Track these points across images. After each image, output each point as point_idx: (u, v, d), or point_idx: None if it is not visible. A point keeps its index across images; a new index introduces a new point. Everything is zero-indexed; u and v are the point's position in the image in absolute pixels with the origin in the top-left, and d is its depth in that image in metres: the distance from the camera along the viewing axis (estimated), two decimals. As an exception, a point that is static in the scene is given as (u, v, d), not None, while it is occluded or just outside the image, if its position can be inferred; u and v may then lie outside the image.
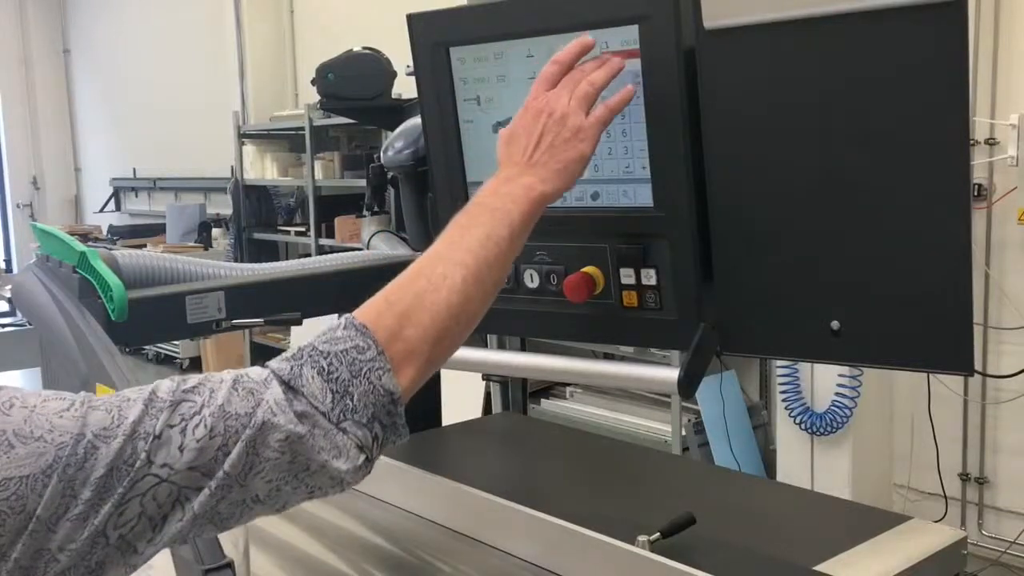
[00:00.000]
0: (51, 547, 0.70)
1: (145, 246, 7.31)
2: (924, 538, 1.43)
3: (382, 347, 0.82)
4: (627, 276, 1.25)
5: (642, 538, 1.29)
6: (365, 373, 0.80)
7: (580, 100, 1.04)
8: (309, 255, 5.76)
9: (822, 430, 3.55)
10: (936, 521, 3.48)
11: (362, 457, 0.81)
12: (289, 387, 0.78)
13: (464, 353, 1.46)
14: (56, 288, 1.46)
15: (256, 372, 0.80)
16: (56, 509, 0.69)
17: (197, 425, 0.74)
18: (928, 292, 1.07)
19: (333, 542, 1.49)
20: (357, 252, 1.85)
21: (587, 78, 1.06)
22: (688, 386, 1.17)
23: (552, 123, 1.02)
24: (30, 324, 1.53)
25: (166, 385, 0.77)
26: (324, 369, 0.79)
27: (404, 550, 1.46)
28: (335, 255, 1.81)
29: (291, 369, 0.79)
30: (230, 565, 1.09)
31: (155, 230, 8.00)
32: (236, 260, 6.32)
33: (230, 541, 1.21)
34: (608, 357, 4.12)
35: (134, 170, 8.81)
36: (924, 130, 1.03)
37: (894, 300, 1.09)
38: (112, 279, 1.41)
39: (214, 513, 0.75)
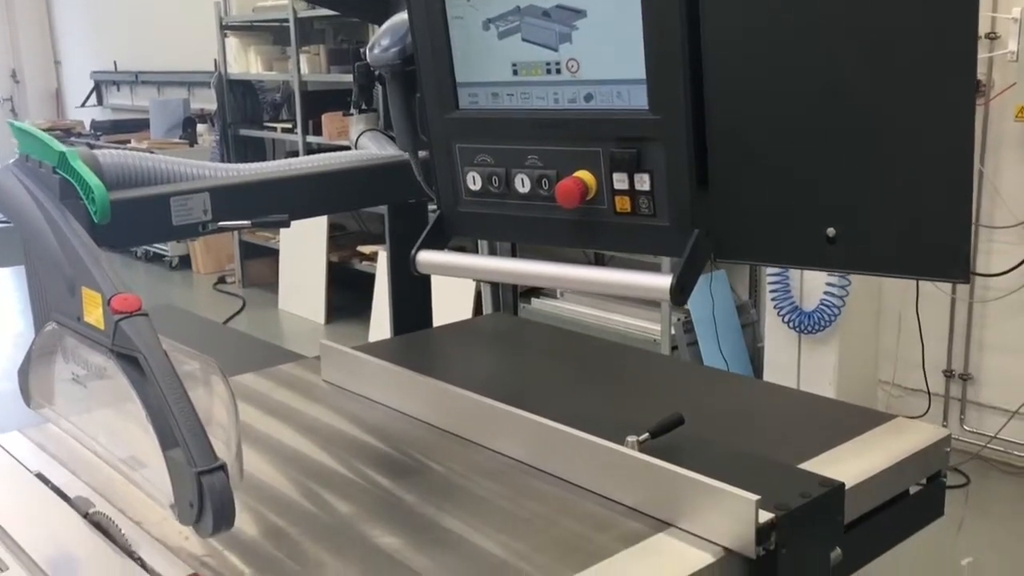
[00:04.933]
0: None
1: (129, 141, 7.19)
2: (908, 436, 1.45)
3: None
4: (620, 181, 1.23)
5: (631, 438, 1.30)
6: None
7: None
8: (296, 153, 5.69)
9: (810, 328, 3.59)
10: (919, 416, 3.56)
11: None
12: None
13: (455, 259, 1.45)
14: (36, 189, 1.43)
15: None
16: None
17: None
18: (926, 198, 1.05)
19: (325, 441, 1.51)
20: (345, 152, 1.82)
21: None
22: (681, 293, 1.16)
23: None
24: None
25: None
26: None
27: (395, 448, 1.48)
28: (322, 155, 1.77)
29: None
30: (223, 467, 1.10)
31: (139, 125, 7.86)
32: (222, 157, 6.24)
33: (222, 442, 1.22)
34: (598, 259, 4.12)
35: (115, 63, 8.60)
36: (928, 29, 1.00)
37: (891, 206, 1.08)
38: (93, 180, 1.38)
39: None
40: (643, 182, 1.21)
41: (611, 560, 1.13)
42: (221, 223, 1.54)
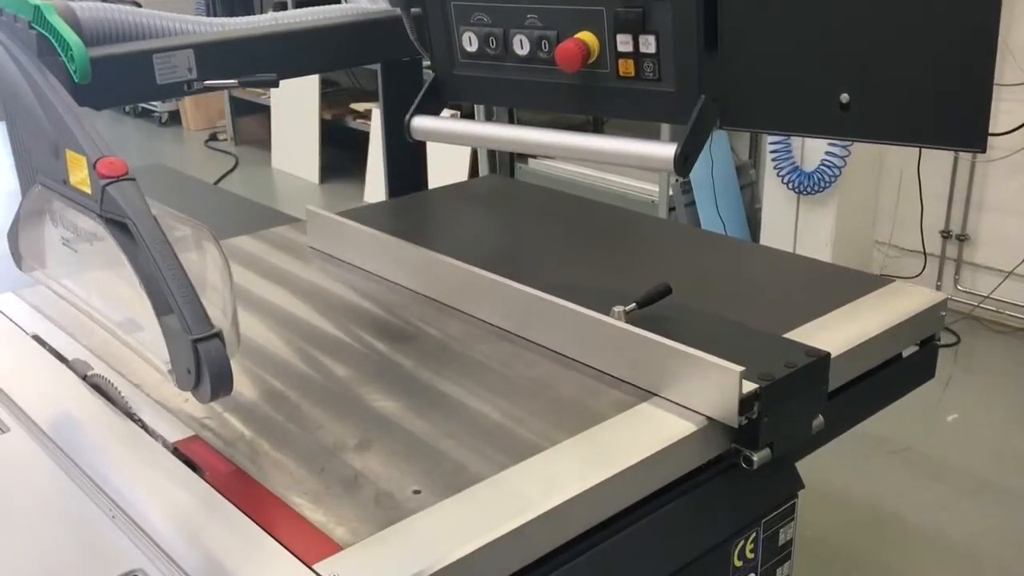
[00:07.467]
0: None
1: (111, -10, 6.92)
2: (904, 300, 1.45)
3: None
4: (624, 43, 1.17)
5: (617, 309, 1.29)
6: None
7: None
8: (285, 5, 5.48)
9: (810, 189, 3.56)
10: (913, 277, 3.58)
11: None
12: None
13: (450, 125, 1.41)
14: (13, 45, 1.37)
15: None
16: None
17: None
18: (946, 62, 1.01)
19: (321, 304, 1.51)
20: (335, 7, 1.74)
21: None
22: (685, 163, 1.13)
23: None
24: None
25: None
26: None
27: (391, 313, 1.48)
28: (312, 9, 1.70)
29: None
30: (218, 334, 1.09)
31: (120, -28, 7.53)
32: (208, 8, 6.01)
33: (218, 308, 1.21)
34: (596, 124, 4.04)
35: (91, -96, 8.16)
36: None
37: (909, 71, 1.03)
38: (71, 37, 1.32)
39: None
40: (648, 44, 1.15)
41: (600, 427, 1.14)
42: (207, 82, 1.49)
